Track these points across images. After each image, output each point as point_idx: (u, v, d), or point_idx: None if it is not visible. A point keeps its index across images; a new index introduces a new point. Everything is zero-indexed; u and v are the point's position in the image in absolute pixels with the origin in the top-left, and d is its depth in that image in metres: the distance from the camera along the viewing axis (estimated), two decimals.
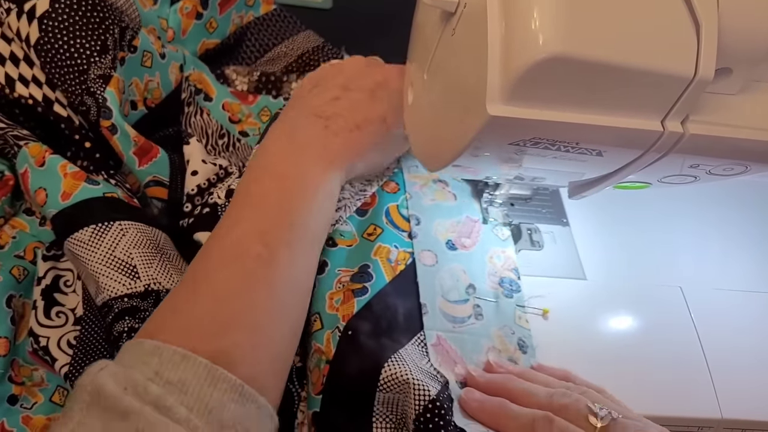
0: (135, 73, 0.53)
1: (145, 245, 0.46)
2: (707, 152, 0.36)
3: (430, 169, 0.42)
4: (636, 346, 0.49)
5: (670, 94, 0.32)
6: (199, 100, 0.59)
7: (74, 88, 0.49)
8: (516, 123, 0.32)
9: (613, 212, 0.57)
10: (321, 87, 0.49)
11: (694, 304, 0.51)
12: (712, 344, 0.49)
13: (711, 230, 0.57)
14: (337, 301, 0.45)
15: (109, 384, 0.32)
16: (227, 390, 0.34)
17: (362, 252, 0.48)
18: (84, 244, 0.45)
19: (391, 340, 0.42)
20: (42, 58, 0.48)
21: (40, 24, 0.48)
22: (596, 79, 0.31)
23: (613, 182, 0.40)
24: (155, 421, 0.31)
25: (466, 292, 0.48)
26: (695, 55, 0.31)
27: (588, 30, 0.30)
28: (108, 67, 0.50)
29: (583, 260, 0.53)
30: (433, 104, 0.40)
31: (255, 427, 0.35)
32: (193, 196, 0.51)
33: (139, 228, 0.46)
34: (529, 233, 0.53)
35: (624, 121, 0.33)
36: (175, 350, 0.34)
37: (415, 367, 0.41)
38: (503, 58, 0.31)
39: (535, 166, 0.39)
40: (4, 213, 0.51)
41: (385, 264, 0.46)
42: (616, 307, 0.51)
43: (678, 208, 0.58)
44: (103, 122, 0.48)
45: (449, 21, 0.37)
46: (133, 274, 0.44)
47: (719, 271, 0.54)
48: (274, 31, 0.66)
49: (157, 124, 0.56)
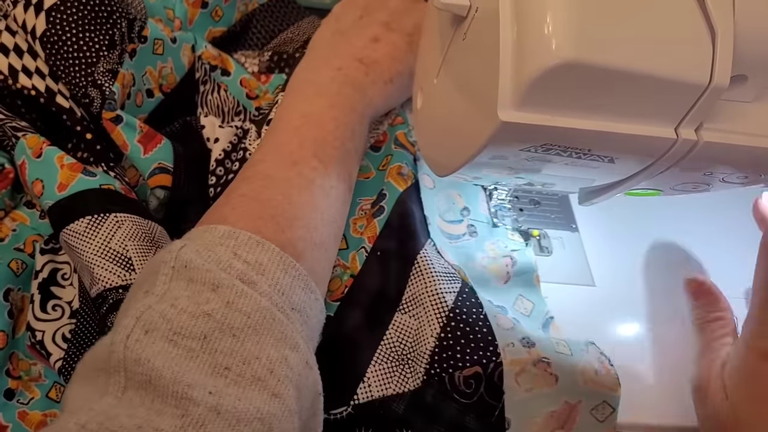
0: (148, 62, 0.54)
1: (140, 238, 0.46)
2: (721, 160, 0.35)
3: (439, 174, 0.41)
4: (645, 354, 0.48)
5: (684, 101, 0.32)
6: (216, 76, 0.59)
7: (79, 80, 0.49)
8: (527, 129, 0.32)
9: (623, 218, 0.56)
10: (365, 20, 0.51)
11: None
12: None
13: (722, 238, 0.57)
14: (361, 227, 0.48)
15: (196, 259, 0.34)
16: (296, 277, 0.37)
17: (378, 181, 0.51)
18: (79, 235, 0.45)
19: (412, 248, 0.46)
20: (47, 50, 0.49)
21: (47, 16, 0.48)
22: (609, 86, 0.31)
23: (625, 189, 0.39)
24: (244, 292, 0.33)
25: (461, 213, 0.51)
26: (710, 62, 0.31)
27: (601, 35, 0.30)
28: (116, 63, 0.50)
29: (592, 266, 0.52)
30: (442, 109, 0.40)
31: (315, 315, 0.38)
32: (222, 160, 0.52)
33: (134, 221, 0.46)
34: (538, 239, 0.53)
35: (637, 128, 0.32)
36: (250, 236, 0.36)
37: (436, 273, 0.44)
38: (515, 63, 0.31)
39: (546, 173, 0.38)
40: (5, 206, 0.51)
41: (397, 179, 0.49)
42: (625, 314, 0.50)
43: (689, 216, 0.58)
44: (106, 114, 0.49)
45: (460, 25, 0.37)
46: (128, 266, 0.44)
47: (730, 279, 0.54)
48: (279, 16, 0.66)
49: (173, 109, 0.56)
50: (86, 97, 0.49)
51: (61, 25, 0.48)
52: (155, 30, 0.54)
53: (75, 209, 0.46)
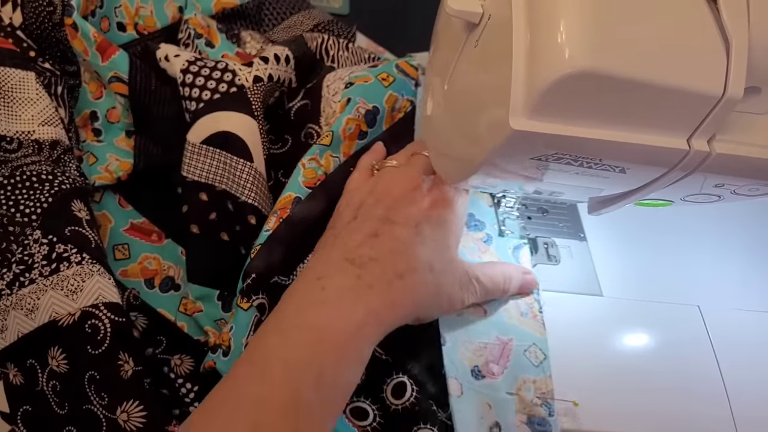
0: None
1: None
2: (733, 172, 0.35)
3: (449, 182, 0.41)
4: (651, 365, 0.48)
5: (697, 112, 0.31)
6: (200, 44, 0.59)
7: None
8: (539, 138, 0.31)
9: (632, 228, 0.56)
10: (360, 219, 0.44)
11: (712, 323, 0.50)
12: (731, 366, 0.48)
13: (731, 249, 0.56)
14: (349, 130, 0.51)
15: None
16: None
17: (376, 92, 0.53)
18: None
19: None
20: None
21: None
22: (622, 96, 0.31)
23: (635, 199, 0.39)
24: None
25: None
26: (724, 73, 0.30)
27: (615, 45, 0.30)
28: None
29: (600, 276, 0.52)
30: (453, 116, 0.40)
31: None
32: (186, 68, 0.52)
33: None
34: (546, 247, 0.52)
35: (649, 139, 0.32)
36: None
37: None
38: (528, 71, 0.30)
39: (555, 181, 0.38)
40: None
41: (387, 114, 0.53)
42: (632, 324, 0.50)
43: (698, 226, 0.57)
44: (67, 20, 0.50)
45: (472, 32, 0.37)
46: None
47: (739, 291, 0.53)
48: (291, 1, 0.68)
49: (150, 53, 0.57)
50: (50, 5, 0.50)
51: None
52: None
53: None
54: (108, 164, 0.52)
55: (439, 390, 0.44)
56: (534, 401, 0.44)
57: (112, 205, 0.52)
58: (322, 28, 0.66)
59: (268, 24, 0.66)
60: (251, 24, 0.66)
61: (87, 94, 0.54)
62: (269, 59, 0.54)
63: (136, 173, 0.52)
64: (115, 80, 0.52)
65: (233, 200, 0.49)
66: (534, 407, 0.44)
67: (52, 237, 0.44)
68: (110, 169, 0.52)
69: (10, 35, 0.51)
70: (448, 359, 0.45)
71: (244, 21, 0.66)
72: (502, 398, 0.44)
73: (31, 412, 0.40)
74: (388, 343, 0.42)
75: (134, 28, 0.57)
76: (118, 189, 0.53)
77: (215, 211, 0.49)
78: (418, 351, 0.45)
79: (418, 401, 0.42)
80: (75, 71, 0.55)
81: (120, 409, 0.39)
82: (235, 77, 0.51)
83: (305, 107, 0.56)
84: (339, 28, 0.66)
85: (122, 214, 0.52)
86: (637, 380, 0.47)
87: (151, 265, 0.50)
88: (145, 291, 0.49)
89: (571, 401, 0.44)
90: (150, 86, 0.53)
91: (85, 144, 0.53)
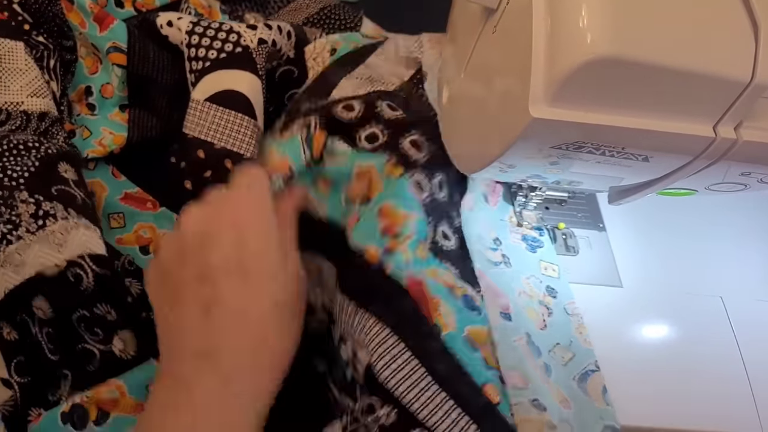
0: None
1: None
2: (761, 160, 0.34)
3: (467, 172, 0.40)
4: (673, 357, 0.47)
5: (724, 98, 0.31)
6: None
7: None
8: (560, 126, 0.31)
9: (652, 217, 0.55)
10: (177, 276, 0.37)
11: (735, 315, 0.50)
12: (754, 357, 0.47)
13: (754, 238, 0.55)
14: None
15: None
16: None
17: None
18: None
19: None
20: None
21: None
22: (645, 82, 0.30)
23: (658, 188, 0.38)
24: None
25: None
26: (753, 59, 0.29)
27: (638, 30, 0.29)
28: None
29: (620, 267, 0.51)
30: (470, 105, 0.39)
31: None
32: (192, 30, 0.52)
33: None
34: (564, 238, 0.51)
35: (674, 126, 0.31)
36: None
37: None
38: (548, 57, 0.30)
39: (576, 171, 0.37)
40: None
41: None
42: (653, 316, 0.49)
43: (720, 216, 0.56)
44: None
45: (490, 18, 0.36)
46: None
47: (762, 282, 0.52)
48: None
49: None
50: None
51: None
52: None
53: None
54: (102, 138, 0.53)
55: (460, 200, 0.47)
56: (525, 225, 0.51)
57: (106, 175, 0.53)
58: (328, 12, 0.66)
59: (273, 6, 0.66)
60: (256, 6, 0.66)
61: (83, 69, 0.55)
62: (272, 27, 0.55)
63: (129, 145, 0.53)
64: (114, 50, 0.52)
65: (235, 158, 0.49)
66: (527, 229, 0.50)
67: (39, 196, 0.44)
68: (104, 143, 0.52)
69: (6, 8, 0.51)
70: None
71: (249, 2, 0.66)
72: (498, 221, 0.50)
73: (24, 362, 0.41)
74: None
75: (132, 4, 0.57)
76: (110, 161, 0.53)
77: (210, 169, 0.49)
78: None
79: (446, 203, 0.45)
80: (72, 46, 0.55)
81: (116, 337, 0.40)
82: (240, 38, 0.52)
83: (290, 72, 0.57)
84: (345, 12, 0.66)
85: (116, 184, 0.52)
86: (657, 372, 0.46)
87: (146, 234, 0.51)
88: (139, 257, 0.49)
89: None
90: (148, 54, 0.53)
91: (79, 118, 0.54)
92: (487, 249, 0.47)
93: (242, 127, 0.50)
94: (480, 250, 0.46)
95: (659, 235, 0.54)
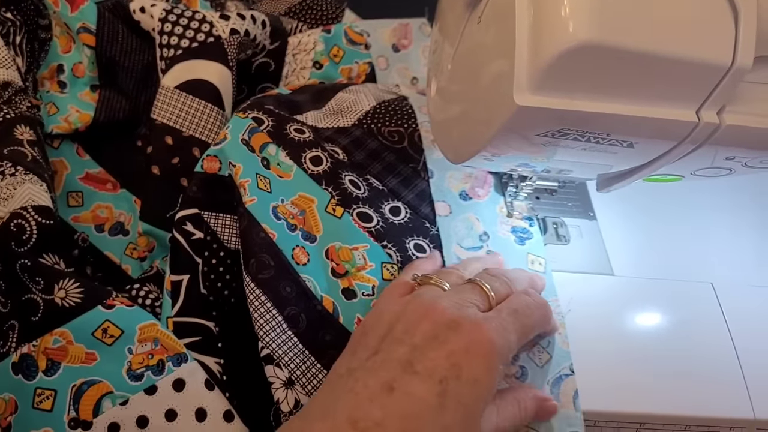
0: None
1: None
2: (744, 144, 0.34)
3: (454, 162, 0.41)
4: (665, 344, 0.47)
5: (705, 83, 0.31)
6: (181, 6, 0.60)
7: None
8: (544, 113, 0.31)
9: (642, 205, 0.55)
10: (381, 356, 0.36)
11: (726, 301, 0.50)
12: (745, 343, 0.48)
13: (744, 224, 0.55)
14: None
15: None
16: None
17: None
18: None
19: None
20: None
21: None
22: (628, 68, 0.30)
23: (644, 175, 0.38)
24: None
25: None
26: (733, 43, 0.30)
27: (620, 17, 0.29)
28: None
29: (611, 255, 0.51)
30: (457, 95, 0.39)
31: None
32: (173, 23, 0.52)
33: None
34: (555, 227, 0.52)
35: (657, 111, 0.32)
36: None
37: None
38: (531, 46, 0.30)
39: (563, 159, 0.37)
40: None
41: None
42: (645, 303, 0.50)
43: (710, 202, 0.56)
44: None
45: (475, 9, 0.36)
46: None
47: (753, 267, 0.53)
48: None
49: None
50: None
51: None
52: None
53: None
54: (68, 115, 0.53)
55: (431, 212, 0.49)
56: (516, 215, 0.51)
57: (70, 154, 0.54)
58: (310, 3, 0.66)
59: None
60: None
61: (57, 47, 0.56)
62: (246, 17, 0.55)
63: (95, 125, 0.53)
64: (84, 31, 0.53)
65: (202, 146, 0.50)
66: (518, 219, 0.51)
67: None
68: (69, 120, 0.53)
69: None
70: (435, 187, 0.50)
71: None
72: (488, 212, 0.51)
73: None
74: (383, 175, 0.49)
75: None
76: (76, 139, 0.54)
77: (178, 156, 0.50)
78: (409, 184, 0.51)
79: (411, 220, 0.48)
80: (47, 25, 0.56)
81: (57, 287, 0.40)
82: (213, 28, 0.53)
83: (267, 65, 0.58)
84: (327, 3, 0.66)
85: (79, 162, 0.53)
86: (649, 359, 0.46)
87: (103, 213, 0.52)
88: (94, 234, 0.50)
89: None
90: (117, 37, 0.54)
91: (48, 94, 0.55)
92: (468, 249, 0.48)
93: (210, 117, 0.51)
94: (456, 254, 0.48)
95: (650, 223, 0.54)
